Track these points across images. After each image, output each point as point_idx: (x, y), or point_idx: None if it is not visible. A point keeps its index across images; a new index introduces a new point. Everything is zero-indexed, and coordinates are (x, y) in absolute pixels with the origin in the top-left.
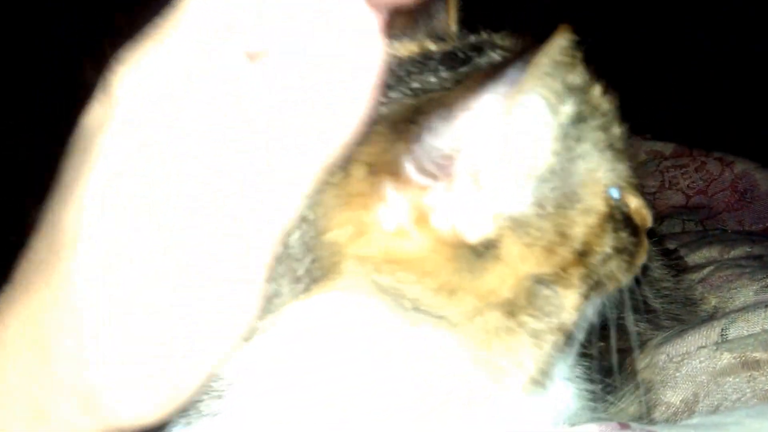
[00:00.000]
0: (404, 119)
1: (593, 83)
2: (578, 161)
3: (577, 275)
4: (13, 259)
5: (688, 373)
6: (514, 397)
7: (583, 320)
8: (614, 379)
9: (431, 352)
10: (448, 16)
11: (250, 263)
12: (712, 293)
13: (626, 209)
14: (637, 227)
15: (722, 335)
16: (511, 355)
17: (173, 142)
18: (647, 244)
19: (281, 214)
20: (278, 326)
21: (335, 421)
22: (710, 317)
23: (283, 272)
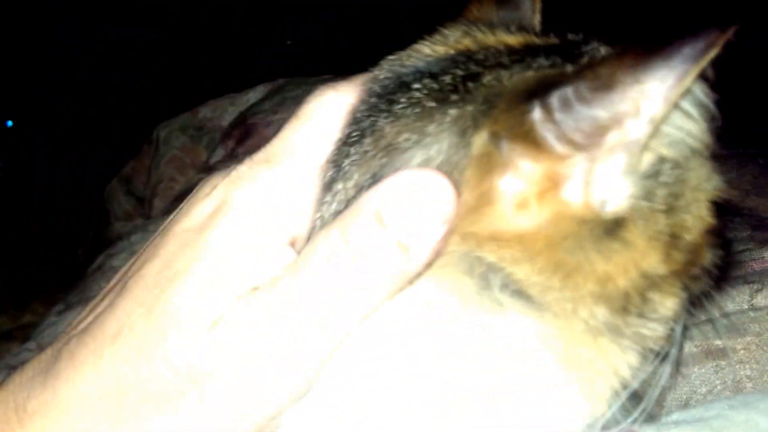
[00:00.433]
0: (538, 90)
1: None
2: (692, 166)
3: (680, 284)
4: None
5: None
6: (599, 406)
7: (675, 336)
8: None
9: (515, 345)
10: (534, 8)
11: None
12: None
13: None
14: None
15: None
16: (606, 359)
17: None
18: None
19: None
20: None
21: (410, 411)
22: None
23: None
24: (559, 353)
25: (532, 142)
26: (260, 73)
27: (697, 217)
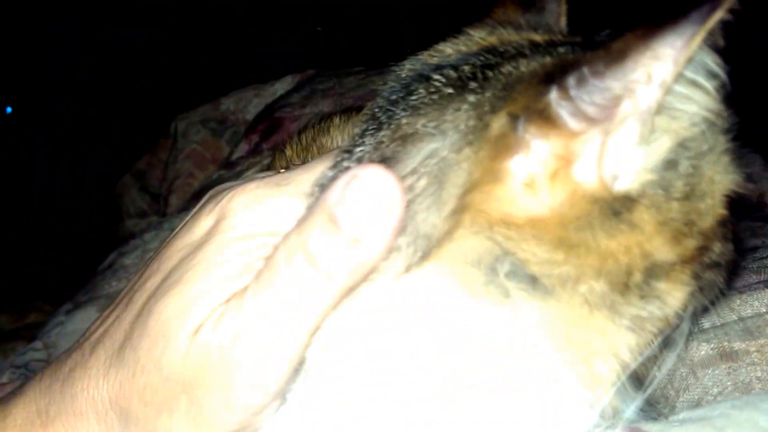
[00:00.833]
0: (555, 71)
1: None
2: (708, 155)
3: (690, 273)
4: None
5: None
6: (600, 387)
7: (682, 328)
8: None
9: (518, 332)
10: (559, 12)
11: None
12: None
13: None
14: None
15: (696, 324)
16: (605, 339)
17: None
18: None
19: None
20: (371, 305)
21: (410, 405)
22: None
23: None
24: (559, 337)
25: (546, 120)
26: (284, 63)
27: (710, 206)
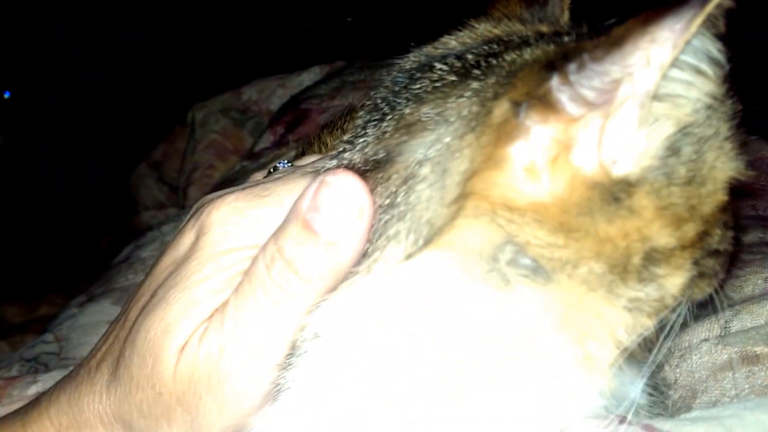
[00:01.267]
0: (556, 58)
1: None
2: (711, 140)
3: (690, 259)
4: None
5: (687, 369)
6: (597, 370)
7: (680, 312)
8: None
9: (519, 319)
10: (562, 6)
11: None
12: (727, 281)
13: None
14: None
15: (725, 328)
16: (602, 318)
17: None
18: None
19: None
20: (370, 295)
21: (409, 399)
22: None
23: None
24: (558, 319)
25: (546, 105)
26: (311, 54)
27: (712, 191)
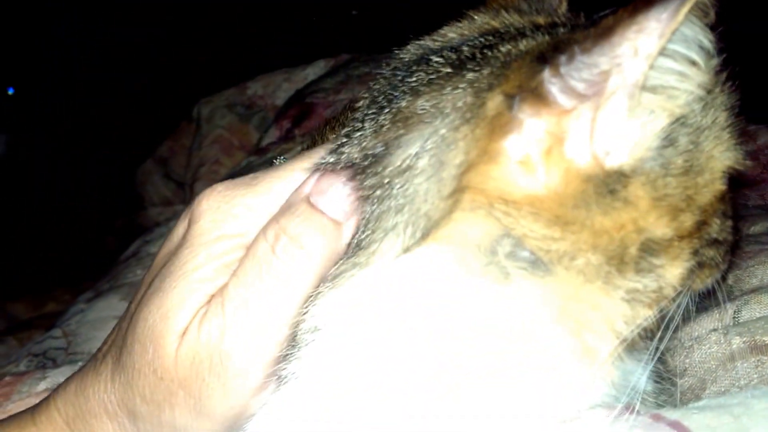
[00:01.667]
0: (547, 50)
1: (716, 56)
2: (707, 130)
3: (689, 249)
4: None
5: (698, 359)
6: (597, 361)
7: (681, 302)
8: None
9: (518, 312)
10: None
11: None
12: (728, 270)
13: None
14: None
15: (734, 318)
16: (600, 309)
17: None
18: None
19: None
20: (368, 287)
21: (409, 388)
22: (725, 297)
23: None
24: (556, 311)
25: (538, 98)
26: (315, 48)
27: (709, 181)
